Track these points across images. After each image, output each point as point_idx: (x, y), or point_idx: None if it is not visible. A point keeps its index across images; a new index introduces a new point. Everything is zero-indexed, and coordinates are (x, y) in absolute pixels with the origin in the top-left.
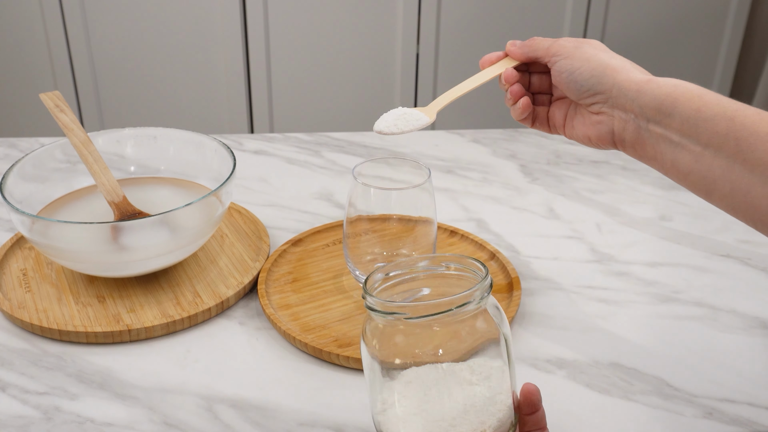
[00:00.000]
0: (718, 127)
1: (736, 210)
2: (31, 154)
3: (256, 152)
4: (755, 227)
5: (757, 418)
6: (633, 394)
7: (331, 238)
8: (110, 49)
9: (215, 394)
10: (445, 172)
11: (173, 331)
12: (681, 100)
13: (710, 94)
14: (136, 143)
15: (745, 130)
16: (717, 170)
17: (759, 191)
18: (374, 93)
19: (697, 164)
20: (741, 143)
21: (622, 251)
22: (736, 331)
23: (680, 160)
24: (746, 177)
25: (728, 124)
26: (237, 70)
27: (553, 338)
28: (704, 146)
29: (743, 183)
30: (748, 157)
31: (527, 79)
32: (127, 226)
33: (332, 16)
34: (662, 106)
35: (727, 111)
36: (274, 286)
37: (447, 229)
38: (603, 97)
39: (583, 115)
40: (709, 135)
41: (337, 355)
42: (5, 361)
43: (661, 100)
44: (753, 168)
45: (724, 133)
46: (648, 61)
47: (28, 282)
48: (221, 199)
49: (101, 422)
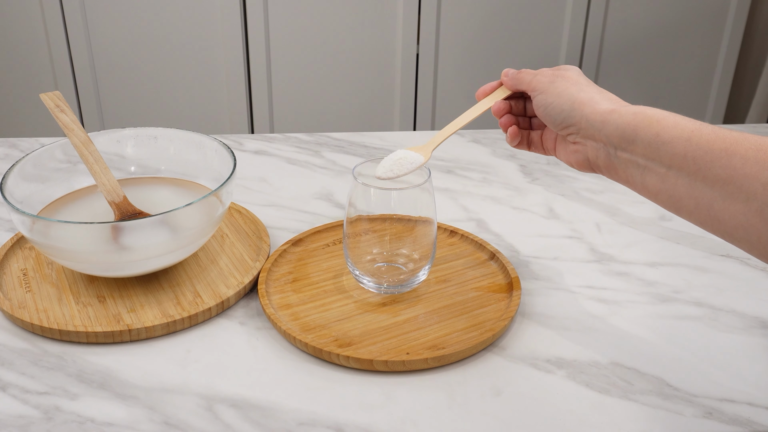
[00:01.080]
0: (677, 149)
1: (703, 224)
2: (31, 154)
3: (256, 152)
4: (724, 239)
5: (757, 418)
6: (633, 394)
7: (331, 238)
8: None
9: (215, 394)
10: (445, 172)
11: (173, 331)
12: (641, 127)
13: (669, 118)
14: (137, 143)
15: (700, 149)
16: (681, 188)
17: (720, 205)
18: (374, 93)
19: (664, 184)
20: (699, 162)
21: (622, 251)
22: (736, 331)
23: (648, 181)
24: (707, 193)
25: (686, 144)
26: (237, 71)
27: (553, 338)
28: (667, 167)
29: (705, 199)
30: (707, 174)
31: (523, 105)
32: (127, 226)
33: (332, 16)
34: (625, 134)
35: (684, 132)
36: (275, 286)
37: (447, 229)
38: (575, 129)
39: (564, 144)
40: (670, 157)
41: (337, 355)
42: (5, 361)
43: (623, 129)
44: (713, 184)
45: (683, 153)
46: (648, 61)
47: (29, 282)
48: (221, 199)
49: (101, 422)
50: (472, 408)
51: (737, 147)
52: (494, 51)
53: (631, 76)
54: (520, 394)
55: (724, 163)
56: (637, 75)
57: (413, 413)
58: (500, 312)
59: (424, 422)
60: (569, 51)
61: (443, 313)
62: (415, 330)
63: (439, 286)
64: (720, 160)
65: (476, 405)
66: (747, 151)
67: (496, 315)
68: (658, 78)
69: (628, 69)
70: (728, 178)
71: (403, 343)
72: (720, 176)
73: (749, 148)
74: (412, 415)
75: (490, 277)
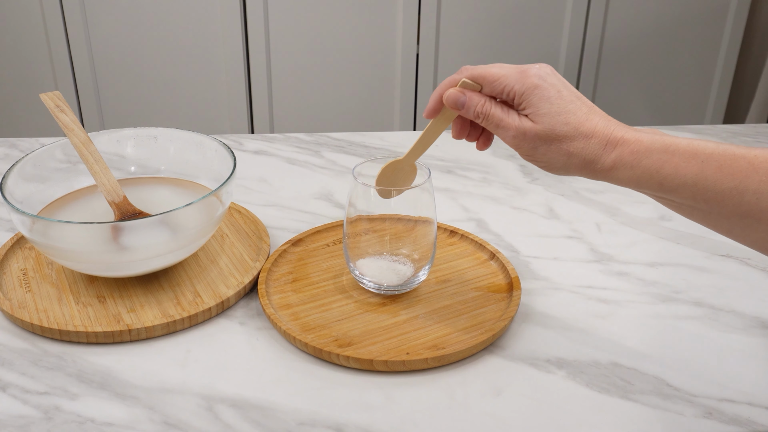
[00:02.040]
0: (685, 194)
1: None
2: (31, 154)
3: (256, 152)
4: None
5: (757, 418)
6: (633, 394)
7: (331, 238)
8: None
9: (215, 394)
10: (445, 172)
11: (173, 331)
12: (642, 181)
13: (668, 165)
14: (137, 143)
15: (709, 191)
16: (698, 217)
17: (740, 232)
18: (374, 93)
19: (681, 210)
20: (710, 203)
21: (622, 251)
22: (736, 331)
23: (666, 205)
24: (725, 223)
25: (693, 190)
26: (237, 71)
27: (553, 338)
28: (679, 204)
29: (724, 226)
30: (721, 211)
31: None
32: (127, 226)
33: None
34: (630, 186)
35: (687, 179)
36: (275, 286)
37: (447, 229)
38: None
39: None
40: (681, 199)
41: (337, 355)
42: (5, 361)
43: (626, 184)
44: (729, 218)
45: (692, 197)
46: (648, 61)
47: (29, 282)
48: (221, 199)
49: (101, 422)
50: (472, 408)
51: (748, 182)
52: (494, 51)
53: (631, 76)
54: (520, 394)
55: (736, 201)
56: (637, 75)
57: (413, 413)
58: (500, 312)
59: (424, 422)
60: (569, 51)
61: (443, 313)
62: (415, 330)
63: (439, 286)
64: (732, 199)
65: (476, 405)
66: (759, 185)
67: (496, 315)
68: (658, 78)
69: (628, 69)
70: (744, 214)
71: (403, 343)
72: (735, 212)
73: (761, 181)
74: (412, 415)
75: (490, 277)
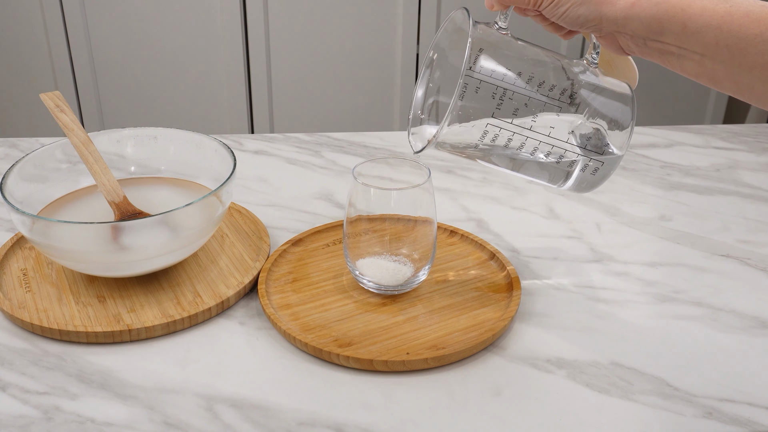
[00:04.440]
0: (708, 39)
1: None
2: (31, 154)
3: (256, 152)
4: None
5: (757, 418)
6: (633, 394)
7: (331, 238)
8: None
9: (215, 394)
10: (445, 172)
11: (173, 331)
12: (666, 18)
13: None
14: (137, 143)
15: (732, 36)
16: (720, 73)
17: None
18: (374, 93)
19: (702, 68)
20: (732, 49)
21: (622, 251)
22: (736, 331)
23: (686, 66)
24: (747, 77)
25: (716, 33)
26: (237, 71)
27: (553, 338)
28: (701, 55)
29: (745, 82)
30: (742, 61)
31: None
32: (127, 226)
33: (332, 17)
34: (651, 27)
35: (713, 20)
36: (275, 285)
37: (447, 229)
38: (596, 28)
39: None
40: (702, 46)
41: (337, 355)
42: (5, 361)
43: (648, 23)
44: (751, 69)
45: (714, 42)
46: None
47: (29, 282)
48: (221, 199)
49: (101, 422)
50: (472, 408)
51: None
52: None
53: None
54: (520, 394)
55: (760, 49)
56: None
57: (413, 413)
58: (500, 312)
59: (424, 422)
60: (569, 51)
61: (443, 313)
62: (415, 330)
63: (439, 286)
64: (756, 46)
65: (476, 405)
66: None
67: (496, 315)
68: (658, 78)
69: None
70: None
71: (403, 343)
72: (758, 62)
73: None
74: (412, 415)
75: (490, 277)
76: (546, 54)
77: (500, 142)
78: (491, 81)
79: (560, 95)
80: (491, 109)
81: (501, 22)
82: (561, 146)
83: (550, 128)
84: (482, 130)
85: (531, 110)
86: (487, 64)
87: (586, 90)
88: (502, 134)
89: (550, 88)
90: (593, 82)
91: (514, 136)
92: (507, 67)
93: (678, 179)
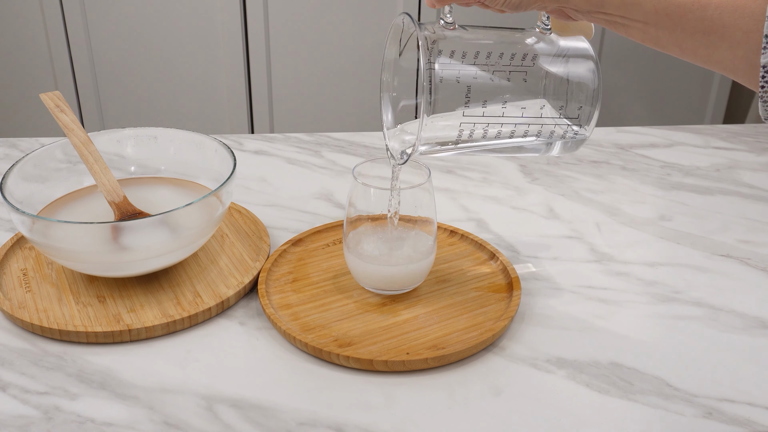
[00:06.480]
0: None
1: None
2: (31, 154)
3: (256, 152)
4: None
5: (757, 418)
6: (633, 394)
7: (331, 238)
8: (110, 49)
9: (215, 394)
10: (445, 172)
11: (173, 331)
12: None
13: None
14: (137, 143)
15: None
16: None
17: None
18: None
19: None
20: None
21: (622, 251)
22: (736, 331)
23: (631, 33)
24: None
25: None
26: (237, 71)
27: (553, 338)
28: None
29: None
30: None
31: None
32: (127, 226)
33: (332, 17)
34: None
35: None
36: (275, 286)
37: (447, 229)
38: (540, 6)
39: None
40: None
41: (337, 355)
42: (5, 361)
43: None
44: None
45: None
46: (648, 61)
47: (29, 282)
48: (221, 199)
49: (101, 422)
50: (472, 408)
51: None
52: None
53: (631, 76)
54: (520, 394)
55: (698, 15)
56: (637, 75)
57: (413, 413)
58: (500, 312)
59: (424, 422)
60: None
61: (443, 313)
62: (415, 330)
63: (439, 286)
64: (693, 12)
65: (476, 405)
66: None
67: (496, 315)
68: (658, 78)
69: (628, 69)
70: (707, 30)
71: (403, 343)
72: (698, 28)
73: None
74: (412, 415)
75: (490, 277)
76: (498, 32)
77: (477, 135)
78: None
79: (522, 61)
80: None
81: (446, 18)
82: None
83: (522, 109)
84: (457, 129)
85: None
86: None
87: (545, 56)
88: (476, 128)
89: (510, 57)
90: (550, 47)
91: (488, 126)
92: (464, 52)
93: (678, 179)
